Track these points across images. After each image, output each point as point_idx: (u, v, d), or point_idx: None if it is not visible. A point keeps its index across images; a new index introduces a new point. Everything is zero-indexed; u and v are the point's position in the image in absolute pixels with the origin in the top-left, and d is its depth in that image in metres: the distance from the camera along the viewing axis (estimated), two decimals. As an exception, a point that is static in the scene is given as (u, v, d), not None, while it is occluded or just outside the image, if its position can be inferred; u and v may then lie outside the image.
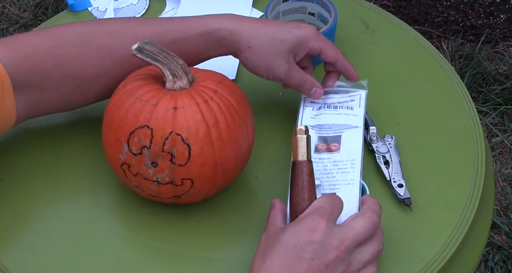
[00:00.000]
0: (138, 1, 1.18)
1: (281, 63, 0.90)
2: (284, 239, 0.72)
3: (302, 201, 0.77)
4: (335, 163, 0.87)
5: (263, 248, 0.74)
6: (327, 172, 0.86)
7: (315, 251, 0.71)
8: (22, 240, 0.86)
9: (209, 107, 0.79)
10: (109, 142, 0.81)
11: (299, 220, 0.74)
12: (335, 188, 0.85)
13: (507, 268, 1.65)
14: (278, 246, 0.72)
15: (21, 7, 2.25)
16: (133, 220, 0.88)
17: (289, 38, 0.90)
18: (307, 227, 0.72)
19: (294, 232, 0.72)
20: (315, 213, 0.74)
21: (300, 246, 0.71)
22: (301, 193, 0.77)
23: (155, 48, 0.80)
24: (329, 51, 0.92)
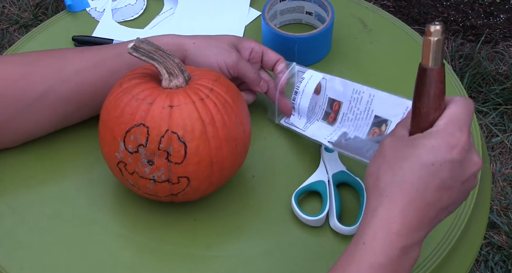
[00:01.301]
0: (136, 1, 1.19)
1: (230, 50, 0.92)
2: (421, 153, 0.66)
3: (433, 111, 0.68)
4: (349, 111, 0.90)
5: (391, 157, 0.68)
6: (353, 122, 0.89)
7: (455, 170, 0.66)
8: (19, 239, 0.86)
9: (205, 105, 0.79)
10: (105, 140, 0.81)
11: (436, 133, 0.66)
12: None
13: (507, 268, 1.65)
14: (414, 160, 0.66)
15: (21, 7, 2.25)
16: (130, 218, 0.88)
17: (229, 37, 0.96)
18: (447, 144, 0.65)
19: (432, 148, 0.66)
20: (453, 126, 0.66)
21: (440, 164, 0.65)
22: (432, 102, 0.68)
23: (151, 46, 0.80)
24: (271, 53, 0.96)
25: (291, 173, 0.92)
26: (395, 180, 0.66)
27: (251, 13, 1.16)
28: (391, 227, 0.65)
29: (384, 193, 0.66)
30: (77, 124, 0.95)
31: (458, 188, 0.66)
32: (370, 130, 0.88)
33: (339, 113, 0.91)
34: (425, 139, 0.66)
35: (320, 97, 0.94)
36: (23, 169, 0.93)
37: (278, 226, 0.87)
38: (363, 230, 0.67)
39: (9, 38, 2.18)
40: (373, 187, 0.68)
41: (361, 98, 0.89)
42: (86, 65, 0.90)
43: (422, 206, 0.65)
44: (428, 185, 0.65)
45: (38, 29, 1.14)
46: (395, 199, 0.65)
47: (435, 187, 0.65)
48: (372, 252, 0.65)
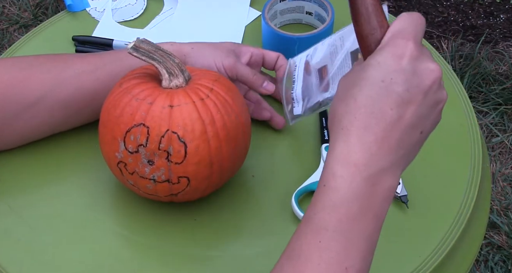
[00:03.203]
0: (136, 1, 1.19)
1: (228, 54, 0.92)
2: (368, 75, 0.61)
3: (374, 31, 0.63)
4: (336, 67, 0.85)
5: (342, 92, 0.62)
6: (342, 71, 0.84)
7: (408, 80, 0.60)
8: (19, 239, 0.86)
9: (205, 105, 0.79)
10: (105, 140, 0.81)
11: (380, 49, 0.62)
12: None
13: (507, 268, 1.65)
14: (363, 83, 0.60)
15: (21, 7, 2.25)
16: (130, 218, 0.88)
17: (228, 43, 0.95)
18: (392, 55, 0.60)
19: (378, 64, 0.60)
20: (397, 38, 0.61)
21: (391, 78, 0.60)
22: (368, 21, 0.63)
23: (151, 46, 0.80)
24: (271, 53, 0.95)
25: (291, 173, 0.92)
26: (348, 110, 0.61)
27: (251, 13, 1.16)
28: (349, 158, 0.60)
29: (339, 126, 0.61)
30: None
31: (421, 101, 0.60)
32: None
33: (329, 75, 0.87)
34: (371, 59, 0.61)
35: (312, 75, 0.90)
36: (23, 169, 0.93)
37: (278, 226, 0.87)
38: (323, 172, 0.62)
39: (9, 38, 2.18)
40: (330, 126, 0.63)
41: (336, 47, 0.85)
42: (86, 70, 0.90)
43: (381, 128, 0.60)
44: (382, 104, 0.59)
45: (38, 29, 1.14)
46: (350, 128, 0.60)
47: (391, 104, 0.59)
48: (333, 190, 0.60)
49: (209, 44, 0.94)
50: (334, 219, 0.60)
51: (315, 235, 0.60)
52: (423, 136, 0.62)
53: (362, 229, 0.60)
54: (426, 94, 0.61)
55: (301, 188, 0.89)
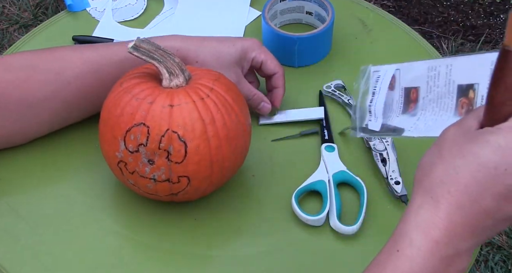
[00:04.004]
0: (136, 1, 1.19)
1: (228, 74, 0.91)
2: (483, 152, 0.55)
3: (510, 102, 0.57)
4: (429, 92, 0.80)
5: (448, 151, 0.57)
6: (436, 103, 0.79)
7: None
8: (19, 239, 0.86)
9: (205, 104, 0.79)
10: (105, 140, 0.81)
11: (507, 129, 0.55)
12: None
13: (507, 268, 1.65)
14: (472, 159, 0.55)
15: (21, 7, 2.25)
16: (130, 218, 0.88)
17: (233, 51, 0.93)
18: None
19: (498, 147, 0.55)
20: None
21: (505, 169, 0.54)
22: (509, 91, 0.57)
23: (151, 46, 0.80)
24: (270, 64, 0.95)
25: (291, 173, 0.92)
26: (445, 179, 0.57)
27: (251, 13, 1.16)
28: (431, 232, 0.57)
29: (431, 192, 0.57)
30: (77, 124, 0.95)
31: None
32: (457, 104, 0.77)
33: (419, 100, 0.82)
34: (492, 135, 0.55)
35: (396, 92, 0.85)
36: (23, 169, 0.93)
37: (278, 226, 0.87)
38: (399, 233, 0.58)
39: (9, 38, 2.18)
40: (419, 183, 0.59)
41: (439, 73, 0.79)
42: (86, 70, 0.90)
43: (473, 213, 0.56)
44: (485, 191, 0.55)
45: (38, 29, 1.14)
46: (441, 201, 0.57)
47: (494, 195, 0.55)
48: (407, 260, 0.57)
49: (214, 57, 0.92)
50: None
51: None
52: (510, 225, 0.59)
53: None
54: None
55: (301, 187, 0.89)
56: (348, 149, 0.95)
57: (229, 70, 0.92)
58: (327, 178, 0.89)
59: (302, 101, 1.01)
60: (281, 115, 0.99)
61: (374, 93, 0.87)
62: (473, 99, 0.75)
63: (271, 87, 0.98)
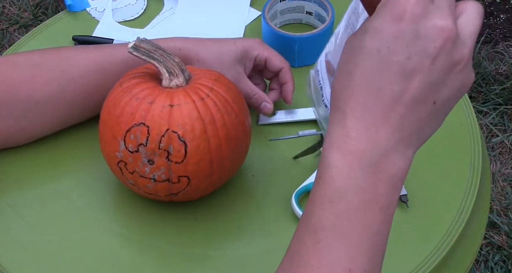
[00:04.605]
0: (136, 1, 1.19)
1: (229, 72, 0.91)
2: (364, 45, 0.51)
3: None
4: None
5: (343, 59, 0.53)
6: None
7: (409, 46, 0.49)
8: (19, 239, 0.86)
9: (205, 104, 0.79)
10: (105, 140, 0.81)
11: (377, 11, 0.51)
12: None
13: (507, 268, 1.65)
14: (357, 55, 0.51)
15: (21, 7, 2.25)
16: (130, 218, 0.88)
17: (234, 49, 0.92)
18: (390, 17, 0.50)
19: (374, 31, 0.50)
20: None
21: (387, 47, 0.50)
22: None
23: (151, 46, 0.80)
24: (275, 60, 0.94)
25: (291, 173, 0.92)
26: (343, 86, 0.52)
27: (251, 13, 1.16)
28: (344, 145, 0.51)
29: (336, 106, 0.53)
30: (78, 124, 0.95)
31: (428, 68, 0.50)
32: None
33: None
34: (367, 24, 0.51)
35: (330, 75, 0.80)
36: (23, 169, 0.93)
37: (278, 226, 0.87)
38: (320, 161, 0.53)
39: (9, 38, 2.19)
40: (331, 104, 0.54)
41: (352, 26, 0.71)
42: (91, 69, 0.90)
43: (380, 106, 0.51)
44: (380, 78, 0.50)
45: (38, 29, 1.15)
46: (345, 109, 0.52)
47: (390, 77, 0.50)
48: (329, 183, 0.52)
49: (214, 54, 0.92)
50: (331, 216, 0.52)
51: (313, 235, 0.54)
52: (438, 106, 0.52)
53: (367, 224, 0.52)
54: (435, 59, 0.50)
55: (301, 187, 0.89)
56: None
57: (230, 69, 0.92)
58: (327, 178, 0.89)
59: (302, 101, 1.01)
60: (281, 115, 0.99)
61: (322, 88, 0.82)
62: None
63: (280, 84, 0.97)
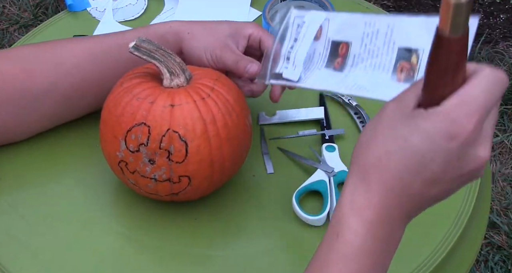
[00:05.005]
0: (137, 1, 1.19)
1: (219, 44, 0.90)
2: (412, 142, 0.56)
3: (443, 87, 0.55)
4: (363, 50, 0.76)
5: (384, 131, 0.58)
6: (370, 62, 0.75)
7: (449, 162, 0.56)
8: (19, 238, 0.86)
9: (206, 104, 0.79)
10: (106, 139, 0.81)
11: (437, 115, 0.55)
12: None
13: (507, 268, 1.65)
14: (404, 145, 0.56)
15: (21, 7, 2.25)
16: (131, 217, 0.88)
17: (227, 25, 0.92)
18: (446, 133, 0.55)
19: (428, 135, 0.55)
20: (461, 110, 0.54)
21: (431, 157, 0.56)
22: (443, 76, 0.55)
23: (152, 45, 0.80)
24: (269, 41, 0.90)
25: (291, 173, 0.92)
26: (377, 163, 0.58)
27: (251, 13, 1.16)
28: (367, 214, 0.59)
29: (364, 174, 0.59)
30: (78, 123, 0.95)
31: (453, 181, 0.58)
32: (395, 67, 0.74)
33: (349, 56, 0.78)
34: (423, 121, 0.56)
35: (321, 42, 0.81)
36: (24, 168, 0.93)
37: (279, 225, 0.87)
38: (338, 216, 0.60)
39: (9, 38, 2.18)
40: (355, 161, 0.60)
41: (377, 31, 0.76)
42: (86, 59, 0.90)
43: (403, 195, 0.58)
44: (414, 177, 0.57)
45: (38, 29, 1.15)
46: (374, 184, 0.58)
47: (422, 180, 0.57)
48: (347, 244, 0.60)
49: (206, 28, 0.91)
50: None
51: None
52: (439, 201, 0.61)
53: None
54: (461, 177, 0.58)
55: (301, 187, 0.89)
56: (348, 149, 0.94)
57: (220, 41, 0.90)
58: (328, 178, 0.89)
59: (302, 101, 1.01)
60: (281, 115, 0.99)
61: (296, 40, 0.83)
62: (415, 65, 0.73)
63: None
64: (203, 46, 0.90)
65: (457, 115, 0.54)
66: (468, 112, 0.54)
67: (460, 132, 0.54)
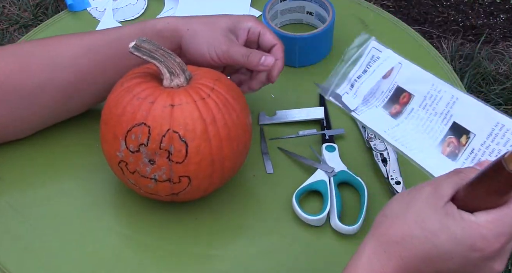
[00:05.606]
0: (137, 1, 1.19)
1: (221, 38, 0.88)
2: (440, 236, 0.61)
3: (482, 203, 0.60)
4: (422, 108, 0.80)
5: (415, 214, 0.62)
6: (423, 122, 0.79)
7: (466, 267, 0.61)
8: (20, 239, 0.86)
9: (206, 104, 0.79)
10: (106, 140, 0.81)
11: (469, 225, 0.60)
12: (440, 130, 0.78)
13: (507, 268, 1.65)
14: (430, 237, 0.61)
15: (21, 7, 2.25)
16: (131, 218, 0.88)
17: (226, 19, 0.91)
18: (472, 244, 0.60)
19: (455, 239, 0.60)
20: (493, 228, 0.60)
21: (452, 257, 0.61)
22: (489, 195, 0.60)
23: (152, 46, 0.80)
24: (269, 35, 0.90)
25: (292, 173, 0.92)
26: (401, 242, 0.62)
27: (251, 13, 1.16)
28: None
29: (386, 246, 0.63)
30: (78, 123, 0.95)
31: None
32: (445, 138, 0.79)
33: (407, 107, 0.82)
34: (454, 224, 0.60)
35: (387, 82, 0.84)
36: (24, 168, 0.93)
37: (279, 225, 0.87)
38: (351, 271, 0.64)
39: (9, 38, 2.18)
40: (378, 228, 0.64)
41: (441, 97, 0.79)
42: (81, 52, 0.89)
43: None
44: (429, 266, 0.62)
45: (38, 29, 1.15)
46: (392, 259, 0.63)
47: (435, 270, 0.62)
48: None
49: (205, 23, 0.90)
50: None
51: None
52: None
53: None
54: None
55: (302, 187, 0.89)
56: (348, 149, 0.95)
57: (222, 35, 0.89)
58: (328, 178, 0.89)
59: (302, 101, 1.01)
60: (281, 115, 0.99)
61: (366, 72, 0.86)
62: (463, 146, 0.77)
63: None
64: (206, 41, 0.89)
65: (488, 233, 0.59)
66: (499, 233, 0.59)
67: (486, 247, 0.60)
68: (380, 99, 0.85)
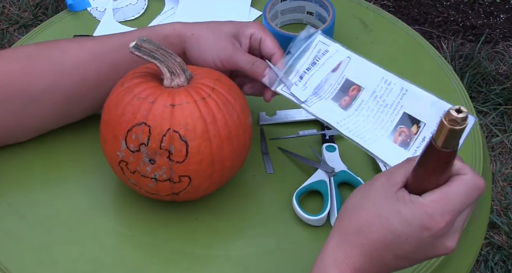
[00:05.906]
0: (137, 1, 1.19)
1: (225, 44, 0.89)
2: (392, 224, 0.64)
3: (427, 184, 0.64)
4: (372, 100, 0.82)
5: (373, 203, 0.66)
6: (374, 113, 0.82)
7: (420, 248, 0.65)
8: (20, 238, 0.86)
9: (206, 104, 0.79)
10: (107, 139, 0.81)
11: (416, 206, 0.64)
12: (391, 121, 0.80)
13: (507, 268, 1.65)
14: (385, 223, 0.65)
15: (21, 7, 2.25)
16: (131, 217, 0.88)
17: (230, 25, 0.91)
18: (421, 224, 0.63)
19: (405, 221, 0.64)
20: (438, 207, 0.63)
21: (406, 238, 0.64)
22: (428, 176, 0.63)
23: (153, 45, 0.80)
24: (270, 42, 0.91)
25: (292, 173, 0.92)
26: (360, 231, 0.66)
27: (252, 13, 1.16)
28: (344, 270, 0.67)
29: (348, 237, 0.67)
30: (78, 124, 0.95)
31: (417, 260, 0.67)
32: (396, 128, 0.81)
33: (356, 99, 0.84)
34: (405, 207, 0.64)
35: (335, 75, 0.86)
36: (24, 169, 0.93)
37: (279, 225, 0.87)
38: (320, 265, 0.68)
39: (9, 38, 2.18)
40: (340, 222, 0.69)
41: (391, 89, 0.82)
42: (86, 59, 0.89)
43: (377, 263, 0.66)
44: (389, 251, 0.66)
45: (38, 29, 1.15)
46: (354, 248, 0.66)
47: (395, 255, 0.66)
48: None
49: (209, 29, 0.90)
50: None
51: None
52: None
53: None
54: (427, 257, 0.67)
55: (302, 187, 0.89)
56: (349, 149, 0.95)
57: (226, 41, 0.89)
58: (328, 178, 0.89)
59: (303, 101, 1.01)
60: (281, 115, 0.99)
61: (315, 64, 0.88)
62: (414, 135, 0.80)
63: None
64: (210, 47, 0.89)
65: (434, 211, 0.63)
66: (443, 211, 0.63)
67: (433, 226, 0.63)
68: (328, 91, 0.87)
